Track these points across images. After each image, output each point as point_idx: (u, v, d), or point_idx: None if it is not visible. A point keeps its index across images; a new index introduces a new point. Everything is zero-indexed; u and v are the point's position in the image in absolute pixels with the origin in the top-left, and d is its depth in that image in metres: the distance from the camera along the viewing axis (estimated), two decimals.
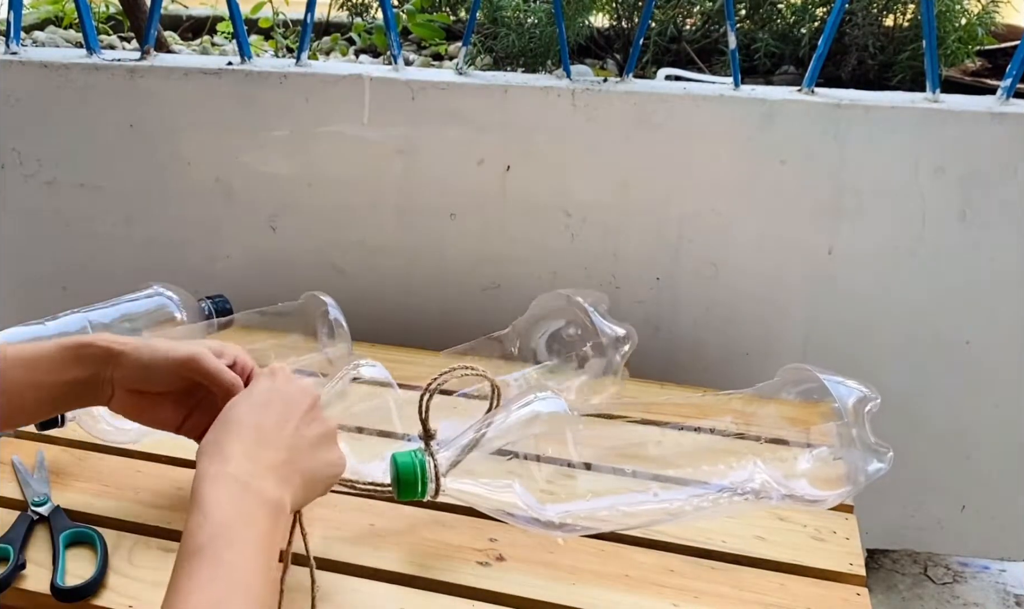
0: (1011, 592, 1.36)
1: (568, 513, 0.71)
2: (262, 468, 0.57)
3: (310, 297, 1.00)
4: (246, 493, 0.55)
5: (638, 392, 1.02)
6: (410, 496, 0.70)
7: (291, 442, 0.60)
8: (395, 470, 0.70)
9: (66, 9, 1.92)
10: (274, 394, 0.62)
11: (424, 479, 0.69)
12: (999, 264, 1.08)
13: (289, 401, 0.62)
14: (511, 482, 0.70)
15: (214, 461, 0.56)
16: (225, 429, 0.59)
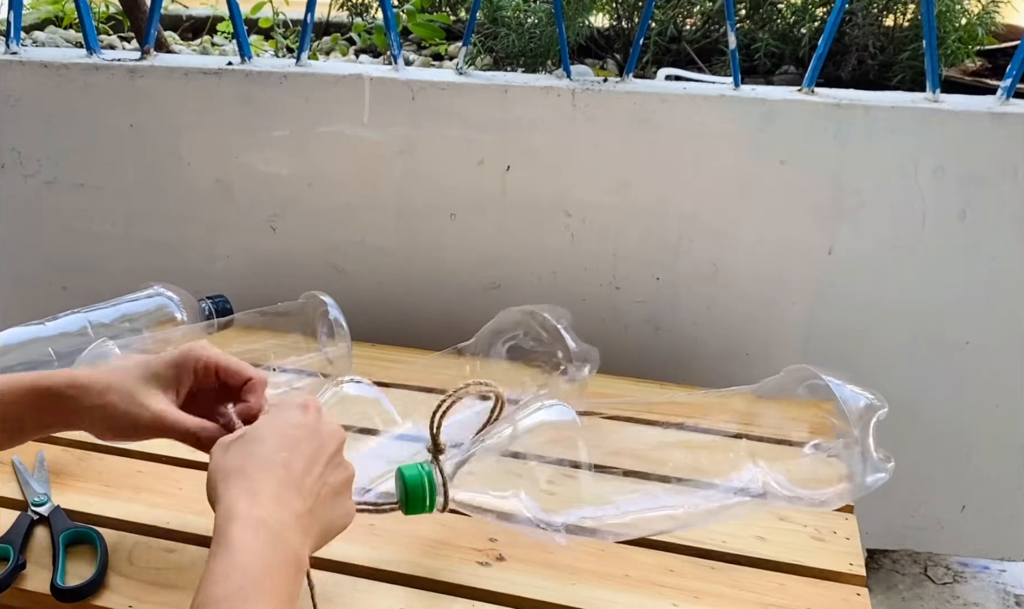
0: (1011, 592, 1.36)
1: (575, 524, 0.70)
2: (290, 517, 0.55)
3: (310, 297, 1.00)
4: (277, 543, 0.53)
5: (638, 392, 1.02)
6: (418, 511, 0.68)
7: (316, 489, 0.58)
8: (402, 484, 0.68)
9: (66, 9, 1.92)
10: (304, 431, 0.59)
11: (432, 493, 0.67)
12: (999, 264, 1.08)
13: (319, 442, 0.60)
14: (518, 492, 0.69)
15: (243, 497, 0.54)
16: (253, 460, 0.57)
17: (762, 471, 0.75)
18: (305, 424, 0.60)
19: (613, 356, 1.18)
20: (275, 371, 0.94)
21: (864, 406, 0.77)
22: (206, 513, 0.78)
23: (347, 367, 0.96)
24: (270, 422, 0.60)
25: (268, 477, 0.56)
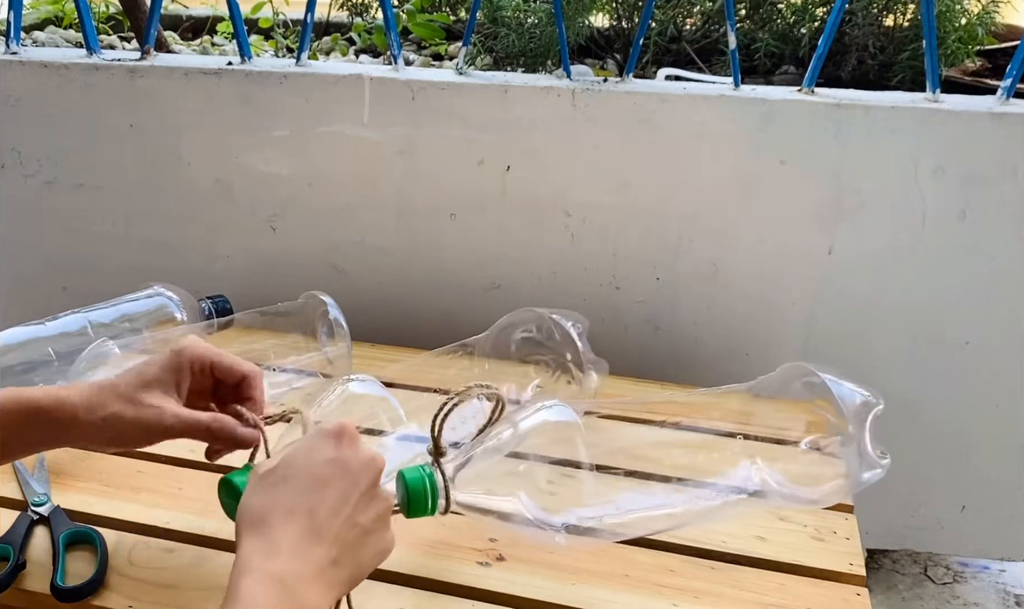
0: (1011, 592, 1.36)
1: (575, 525, 0.69)
2: (310, 570, 0.53)
3: (310, 297, 1.00)
4: (288, 598, 0.51)
5: (637, 392, 1.02)
6: (420, 514, 0.67)
7: (344, 535, 0.55)
8: (403, 487, 0.67)
9: (66, 9, 1.92)
10: (336, 469, 0.56)
11: (434, 496, 0.67)
12: (999, 264, 1.08)
13: (351, 480, 0.56)
14: (519, 492, 0.68)
15: (260, 549, 0.52)
16: (277, 506, 0.54)
17: (759, 469, 0.75)
18: (337, 459, 0.57)
19: (613, 356, 1.18)
20: (275, 371, 0.94)
21: (860, 402, 0.77)
22: (206, 513, 0.78)
23: (347, 367, 0.96)
24: (302, 457, 0.57)
25: (290, 527, 0.53)
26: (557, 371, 0.94)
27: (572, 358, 0.93)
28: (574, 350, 0.94)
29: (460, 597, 0.70)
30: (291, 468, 0.56)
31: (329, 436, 0.58)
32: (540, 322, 0.96)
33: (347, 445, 0.57)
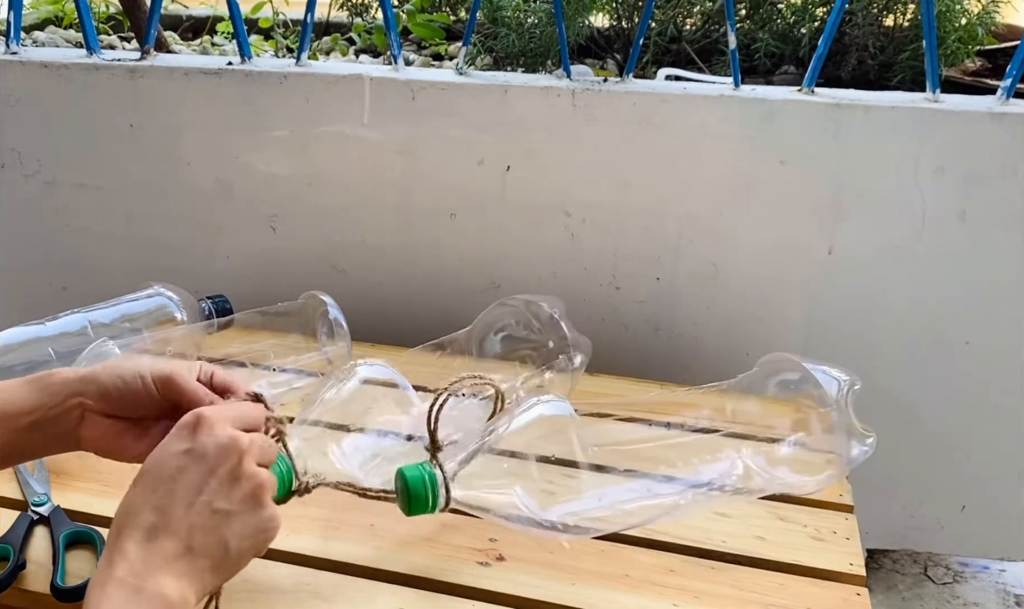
0: (1011, 592, 1.36)
1: (569, 515, 0.70)
2: (157, 563, 0.52)
3: (310, 297, 1.00)
4: (134, 597, 0.50)
5: (636, 392, 1.02)
6: (420, 511, 0.67)
7: (199, 521, 0.54)
8: (403, 485, 0.67)
9: (66, 9, 1.92)
10: (187, 458, 0.55)
11: (435, 493, 0.67)
12: (999, 264, 1.08)
13: (205, 465, 0.55)
14: (515, 487, 0.69)
15: (105, 559, 0.52)
16: (126, 513, 0.54)
17: (752, 457, 0.76)
18: (189, 450, 0.56)
19: (613, 356, 1.18)
20: (275, 371, 0.93)
21: (842, 382, 0.79)
22: None
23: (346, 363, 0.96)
24: (156, 456, 0.56)
25: (135, 529, 0.53)
26: (544, 360, 0.94)
27: (555, 344, 0.93)
28: (557, 335, 0.93)
29: (460, 597, 0.70)
30: (146, 470, 0.56)
31: (183, 427, 0.57)
32: (518, 315, 0.96)
33: (203, 432, 0.56)
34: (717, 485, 0.75)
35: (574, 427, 0.72)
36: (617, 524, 0.73)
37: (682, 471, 0.74)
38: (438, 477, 0.67)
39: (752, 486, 0.76)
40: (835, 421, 0.78)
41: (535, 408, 0.72)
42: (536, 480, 0.70)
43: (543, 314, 0.95)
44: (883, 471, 1.18)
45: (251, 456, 0.57)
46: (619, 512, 0.72)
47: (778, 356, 0.84)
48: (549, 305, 0.96)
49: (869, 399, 1.14)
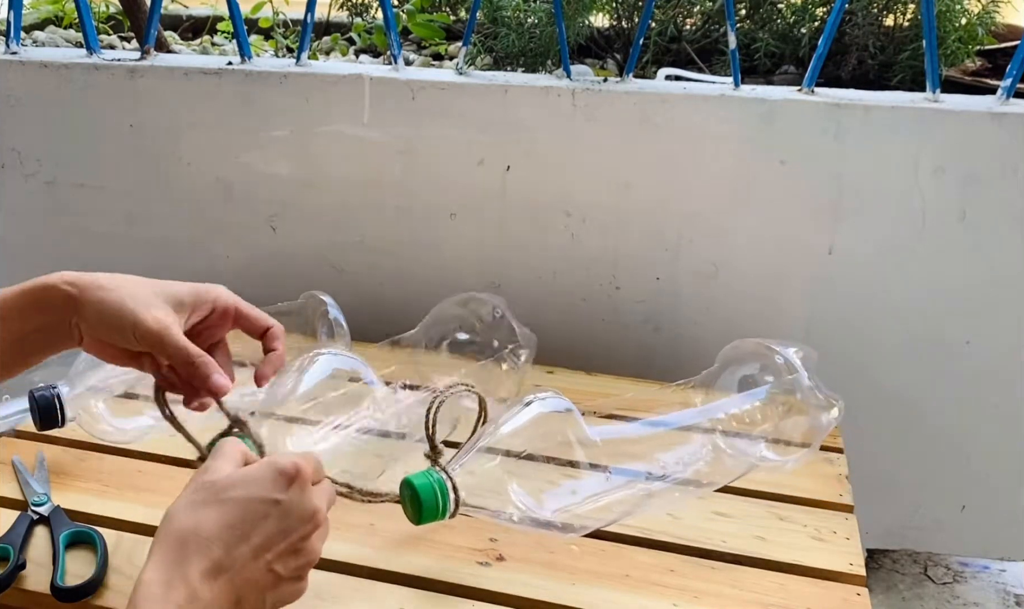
0: (1011, 592, 1.36)
1: (569, 512, 0.71)
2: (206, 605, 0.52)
3: (310, 297, 1.00)
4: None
5: (636, 392, 1.02)
6: (431, 519, 0.66)
7: (257, 577, 0.54)
8: (412, 494, 0.66)
9: (66, 9, 1.92)
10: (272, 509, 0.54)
11: (445, 501, 0.66)
12: (999, 264, 1.08)
13: (284, 525, 0.55)
14: (515, 487, 0.69)
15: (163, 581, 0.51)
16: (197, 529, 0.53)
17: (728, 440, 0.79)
18: (278, 502, 0.54)
19: (613, 356, 1.18)
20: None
21: (802, 356, 0.83)
22: None
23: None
24: (244, 485, 0.55)
25: (203, 558, 0.52)
26: (490, 358, 0.95)
27: (500, 341, 0.95)
28: (504, 332, 0.95)
29: (460, 597, 0.70)
30: (228, 493, 0.54)
31: (280, 474, 0.55)
32: (463, 320, 0.97)
33: (295, 490, 0.55)
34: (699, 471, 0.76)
35: (576, 424, 0.72)
36: (614, 516, 0.73)
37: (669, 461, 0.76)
38: (446, 483, 0.67)
39: (731, 468, 0.79)
40: (804, 396, 0.81)
41: (533, 406, 0.72)
42: (537, 479, 0.70)
43: (486, 311, 0.97)
44: (883, 471, 1.18)
45: (320, 534, 0.57)
46: (616, 505, 0.72)
47: (737, 345, 0.88)
48: (493, 302, 0.98)
49: (869, 399, 1.15)
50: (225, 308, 0.69)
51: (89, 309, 0.64)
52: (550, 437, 0.71)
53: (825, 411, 0.82)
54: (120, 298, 0.64)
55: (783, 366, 0.83)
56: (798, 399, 0.82)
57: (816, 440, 0.82)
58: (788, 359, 0.83)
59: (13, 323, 0.65)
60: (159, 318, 0.64)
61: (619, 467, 0.73)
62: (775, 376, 0.84)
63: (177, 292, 0.66)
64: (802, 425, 0.82)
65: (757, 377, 0.85)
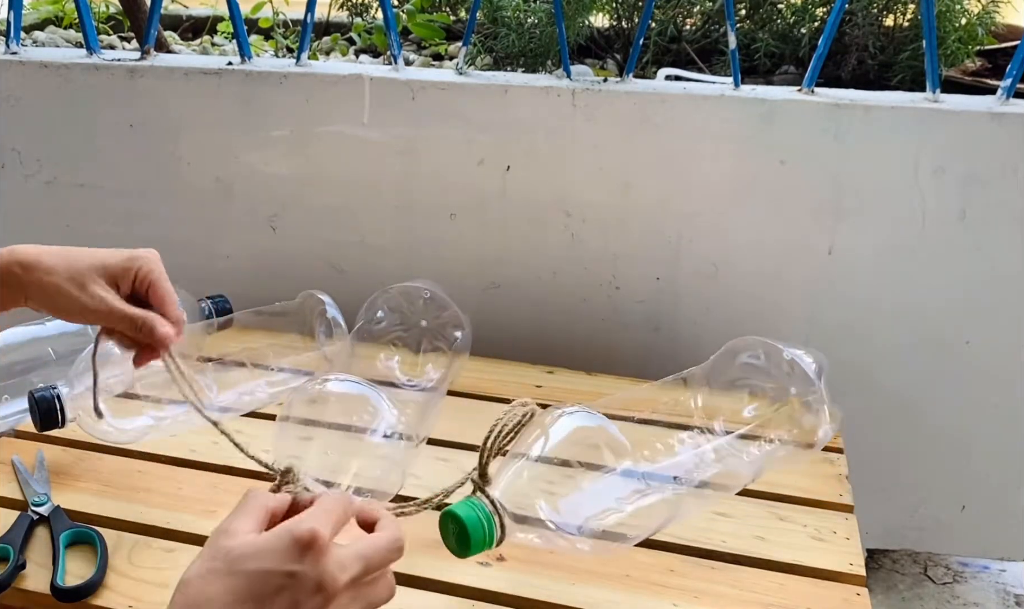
0: (1011, 592, 1.36)
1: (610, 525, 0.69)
2: None
3: (307, 296, 1.00)
4: None
5: (616, 390, 1.02)
6: (478, 551, 0.64)
7: None
8: (457, 528, 0.64)
9: (66, 9, 1.93)
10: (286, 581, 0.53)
11: (491, 531, 0.63)
12: (999, 264, 1.08)
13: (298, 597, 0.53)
14: (544, 506, 0.67)
15: None
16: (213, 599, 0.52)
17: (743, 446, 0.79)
18: (292, 573, 0.53)
19: (613, 356, 1.18)
20: (273, 371, 0.94)
21: (814, 361, 0.83)
22: (206, 513, 0.78)
23: (346, 365, 0.96)
24: (258, 556, 0.53)
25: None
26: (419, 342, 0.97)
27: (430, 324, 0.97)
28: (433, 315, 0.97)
29: (460, 597, 0.70)
30: (243, 565, 0.53)
31: (295, 544, 0.53)
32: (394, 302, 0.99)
33: (311, 560, 0.53)
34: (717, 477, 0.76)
35: (605, 437, 0.70)
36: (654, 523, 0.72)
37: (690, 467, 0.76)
38: (492, 515, 0.64)
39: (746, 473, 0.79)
40: (812, 401, 0.81)
41: (561, 421, 0.69)
42: (576, 493, 0.67)
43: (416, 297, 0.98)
44: (883, 471, 1.18)
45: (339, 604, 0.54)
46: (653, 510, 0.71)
47: (747, 340, 0.88)
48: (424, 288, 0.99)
49: (869, 399, 1.15)
50: (144, 277, 0.74)
51: (34, 290, 0.71)
52: (586, 450, 0.69)
53: (829, 420, 0.81)
54: (59, 281, 0.70)
55: (790, 367, 0.82)
56: (807, 403, 0.81)
57: (818, 445, 0.82)
58: (798, 361, 0.83)
59: None
60: (97, 295, 0.71)
61: (653, 473, 0.72)
62: (783, 377, 0.83)
63: (109, 264, 0.72)
64: (808, 428, 0.82)
65: (762, 373, 0.85)
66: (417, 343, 0.97)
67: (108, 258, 0.73)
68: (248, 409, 0.90)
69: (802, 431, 0.81)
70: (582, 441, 0.69)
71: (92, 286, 0.71)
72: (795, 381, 0.82)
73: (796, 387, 0.82)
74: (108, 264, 0.72)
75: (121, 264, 0.73)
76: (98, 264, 0.72)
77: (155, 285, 0.74)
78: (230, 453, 0.87)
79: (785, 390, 0.83)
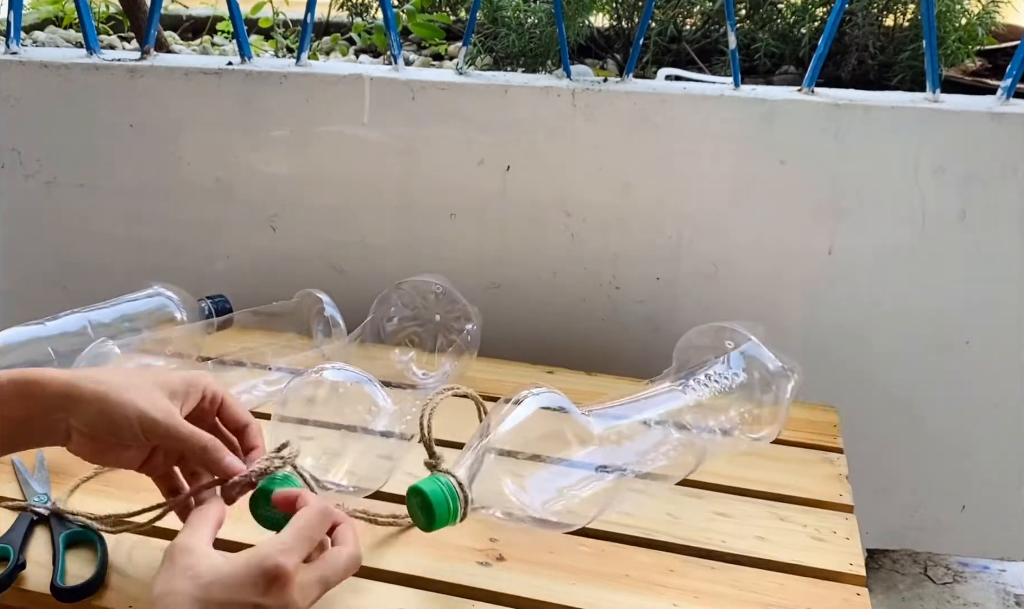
0: (1011, 592, 1.36)
1: (568, 505, 0.71)
2: None
3: (305, 295, 1.00)
4: None
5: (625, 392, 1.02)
6: (443, 525, 0.67)
7: None
8: (423, 501, 0.66)
9: (66, 9, 1.93)
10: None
11: (455, 505, 0.66)
12: (999, 264, 1.08)
13: None
14: (513, 487, 0.69)
15: None
16: None
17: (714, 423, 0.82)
18: (260, 605, 0.55)
19: (613, 356, 1.18)
20: (271, 370, 0.94)
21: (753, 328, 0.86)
22: None
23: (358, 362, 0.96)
24: (224, 587, 0.55)
25: None
26: (434, 339, 0.97)
27: (443, 319, 0.97)
28: (445, 310, 0.97)
29: (460, 597, 0.70)
30: (212, 591, 0.54)
31: (263, 576, 0.55)
32: (407, 298, 0.99)
33: (276, 593, 0.55)
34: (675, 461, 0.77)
35: (568, 420, 0.72)
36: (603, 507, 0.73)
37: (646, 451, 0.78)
38: (455, 487, 0.66)
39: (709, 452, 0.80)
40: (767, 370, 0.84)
41: (526, 402, 0.72)
42: (538, 476, 0.69)
43: (429, 292, 0.99)
44: (883, 471, 1.18)
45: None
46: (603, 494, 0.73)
47: (689, 335, 0.90)
48: (435, 282, 1.00)
49: (869, 399, 1.15)
50: (213, 396, 0.67)
51: (86, 404, 0.61)
52: (549, 433, 0.71)
53: (788, 380, 0.84)
54: (119, 392, 0.61)
55: (739, 341, 0.86)
56: (762, 373, 0.84)
57: (783, 412, 0.84)
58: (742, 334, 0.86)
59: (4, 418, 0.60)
60: (165, 409, 0.62)
61: (610, 457, 0.74)
62: (735, 354, 0.86)
63: (171, 381, 0.65)
64: (770, 400, 0.84)
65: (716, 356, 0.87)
66: (432, 338, 0.97)
67: (170, 375, 0.66)
68: (248, 408, 0.90)
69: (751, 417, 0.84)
70: (545, 422, 0.71)
71: (158, 400, 0.62)
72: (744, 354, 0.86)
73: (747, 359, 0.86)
74: (171, 382, 0.65)
75: (184, 380, 0.65)
76: (159, 379, 0.64)
77: (226, 405, 0.67)
78: None
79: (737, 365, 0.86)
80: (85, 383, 0.61)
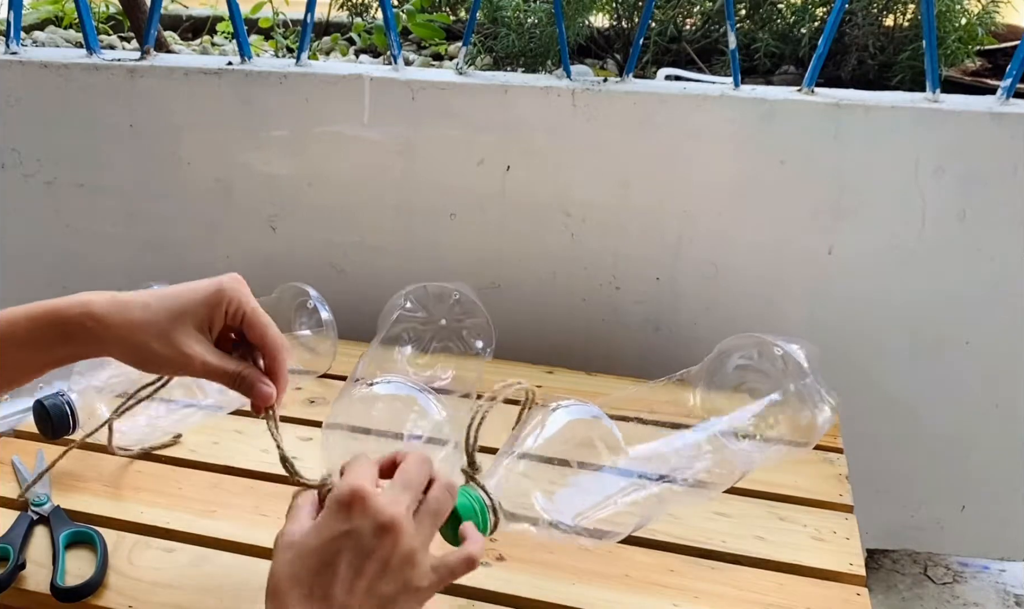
0: (1011, 592, 1.36)
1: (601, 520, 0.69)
2: None
3: (284, 289, 1.00)
4: None
5: (615, 390, 1.02)
6: None
7: (365, 604, 0.54)
8: (453, 515, 0.63)
9: (66, 9, 1.93)
10: (345, 541, 0.54)
11: (486, 521, 0.63)
12: (999, 264, 1.08)
13: (362, 550, 0.54)
14: (541, 498, 0.66)
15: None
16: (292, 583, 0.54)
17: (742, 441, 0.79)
18: (348, 532, 0.55)
19: (613, 356, 1.18)
20: None
21: (806, 351, 0.83)
22: (206, 513, 0.78)
23: (331, 353, 0.99)
24: (315, 533, 0.55)
25: (302, 603, 0.54)
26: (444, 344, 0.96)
27: (450, 325, 0.96)
28: (458, 317, 0.97)
29: (460, 597, 0.70)
30: (305, 545, 0.55)
31: (339, 507, 0.55)
32: (420, 301, 0.99)
33: (358, 513, 0.55)
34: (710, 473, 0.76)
35: (605, 430, 0.69)
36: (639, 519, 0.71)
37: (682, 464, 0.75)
38: (485, 501, 0.64)
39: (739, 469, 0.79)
40: (808, 395, 0.81)
41: (556, 413, 0.69)
42: (570, 488, 0.67)
43: (446, 297, 0.99)
44: (883, 471, 1.18)
45: (407, 535, 0.56)
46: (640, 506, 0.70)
47: (739, 338, 0.88)
48: (453, 289, 0.99)
49: (869, 399, 1.15)
50: (236, 311, 0.65)
51: (114, 346, 0.62)
52: (580, 446, 0.68)
53: (825, 410, 0.81)
54: (143, 337, 0.62)
55: (785, 362, 0.83)
56: (801, 396, 0.82)
57: (814, 438, 0.82)
58: (791, 355, 0.83)
59: (33, 354, 0.62)
60: (186, 349, 0.62)
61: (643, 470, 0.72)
62: (777, 372, 0.83)
63: (196, 311, 0.63)
64: (804, 423, 0.82)
65: (756, 371, 0.85)
66: (448, 345, 0.97)
67: (191, 300, 0.64)
68: (231, 407, 0.90)
69: (798, 425, 0.82)
70: (576, 435, 0.69)
71: (180, 338, 0.62)
72: (790, 375, 0.82)
73: (791, 381, 0.82)
74: (192, 309, 0.63)
75: (206, 303, 0.64)
76: (179, 310, 0.63)
77: (249, 319, 0.65)
78: (230, 453, 0.87)
79: (779, 384, 0.83)
80: (113, 329, 0.62)
